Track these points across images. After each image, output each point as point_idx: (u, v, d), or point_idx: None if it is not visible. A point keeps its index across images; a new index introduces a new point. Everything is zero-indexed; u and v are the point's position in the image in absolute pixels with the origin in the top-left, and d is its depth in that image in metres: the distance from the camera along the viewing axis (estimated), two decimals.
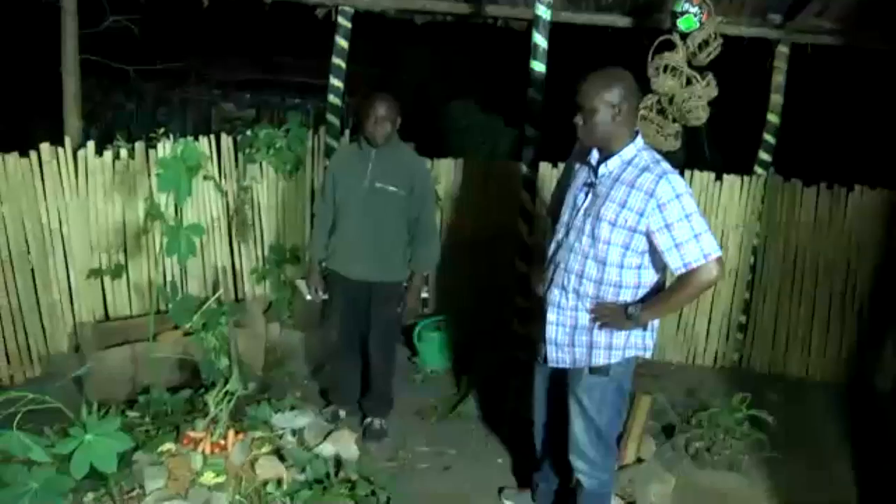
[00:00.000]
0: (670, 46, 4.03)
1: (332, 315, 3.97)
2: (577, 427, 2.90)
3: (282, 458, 3.38)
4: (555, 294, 2.84)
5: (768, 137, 4.88)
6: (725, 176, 4.94)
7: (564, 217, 2.87)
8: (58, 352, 4.38)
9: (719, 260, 2.58)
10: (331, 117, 4.83)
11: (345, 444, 3.62)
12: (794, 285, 4.99)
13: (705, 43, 4.01)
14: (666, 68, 4.01)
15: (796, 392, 4.80)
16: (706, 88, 4.01)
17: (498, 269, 4.93)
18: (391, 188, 3.61)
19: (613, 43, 4.86)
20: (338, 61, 4.76)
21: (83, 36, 4.55)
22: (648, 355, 2.88)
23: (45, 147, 4.17)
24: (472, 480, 3.64)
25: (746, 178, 4.92)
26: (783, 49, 4.80)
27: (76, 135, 4.49)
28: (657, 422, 4.12)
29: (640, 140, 2.71)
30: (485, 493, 3.55)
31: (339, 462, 3.51)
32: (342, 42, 4.74)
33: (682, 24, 3.92)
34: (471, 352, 4.77)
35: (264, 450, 3.42)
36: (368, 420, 3.99)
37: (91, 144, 4.33)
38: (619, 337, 2.77)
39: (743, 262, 5.01)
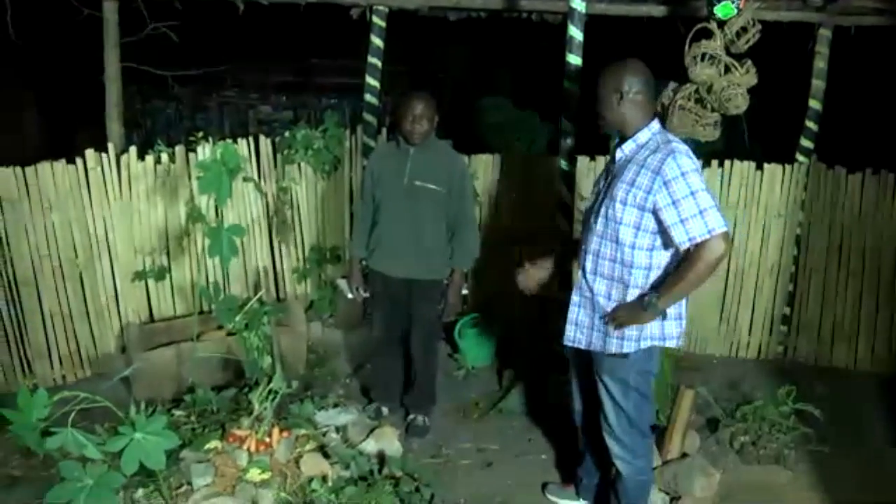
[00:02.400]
0: (708, 35, 3.97)
1: (374, 313, 4.00)
2: (608, 409, 2.95)
3: (326, 456, 3.42)
4: (578, 276, 2.96)
5: (810, 124, 4.78)
6: (766, 165, 4.86)
7: (590, 203, 2.99)
8: (106, 353, 4.48)
9: (725, 235, 2.60)
10: (368, 116, 4.85)
11: (388, 441, 3.64)
12: (840, 275, 4.88)
13: (743, 30, 3.93)
14: (703, 57, 3.94)
15: (843, 384, 4.70)
16: (745, 76, 3.93)
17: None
18: (430, 186, 3.62)
19: (649, 33, 4.80)
20: (373, 60, 4.78)
21: (123, 44, 4.63)
22: (674, 344, 2.86)
23: (90, 153, 4.26)
24: (515, 476, 3.64)
25: (788, 167, 4.84)
26: (825, 32, 4.68)
27: (119, 141, 4.58)
28: (701, 416, 4.07)
29: (654, 124, 2.80)
30: (528, 489, 3.55)
31: (382, 459, 3.53)
32: (377, 41, 4.76)
33: (719, 11, 3.85)
34: (512, 348, 4.77)
35: (309, 447, 3.46)
36: (411, 417, 4.01)
37: (133, 149, 4.41)
38: (632, 329, 2.79)
39: (786, 252, 4.92)
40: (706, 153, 4.81)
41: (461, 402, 4.32)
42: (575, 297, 2.97)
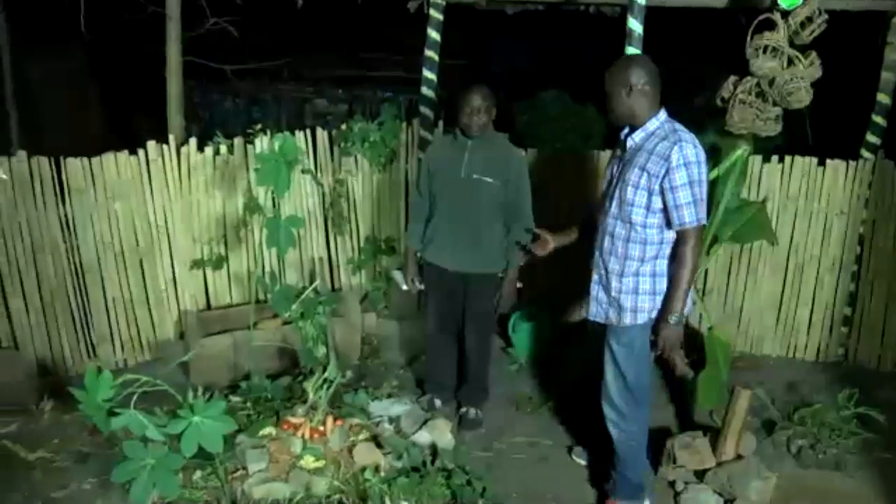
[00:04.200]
0: (770, 26, 3.87)
1: (428, 305, 4.02)
2: (608, 375, 3.21)
3: (379, 445, 3.45)
4: (596, 256, 3.18)
5: (877, 119, 4.62)
6: (829, 161, 4.72)
7: (604, 188, 3.23)
8: (164, 338, 4.59)
9: (702, 228, 2.96)
10: (424, 109, 4.86)
11: (441, 433, 3.66)
12: None
13: (808, 20, 3.83)
14: (766, 49, 3.85)
15: None
16: (809, 69, 3.83)
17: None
18: (487, 179, 3.61)
19: (710, 25, 4.71)
20: (430, 53, 4.79)
21: (183, 38, 4.72)
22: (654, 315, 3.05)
23: (151, 145, 4.36)
24: (568, 472, 3.63)
25: (852, 163, 4.69)
26: None
27: (179, 133, 4.67)
28: (757, 417, 3.99)
29: (662, 114, 2.99)
30: (581, 485, 3.53)
31: (434, 450, 3.55)
32: (434, 34, 4.77)
33: (783, 1, 3.75)
34: (565, 342, 4.73)
35: (362, 436, 3.50)
36: (464, 409, 4.02)
37: (193, 141, 4.50)
38: (644, 301, 3.04)
39: (848, 251, 4.77)
40: (766, 149, 4.70)
41: (514, 395, 4.31)
42: (595, 276, 3.20)
